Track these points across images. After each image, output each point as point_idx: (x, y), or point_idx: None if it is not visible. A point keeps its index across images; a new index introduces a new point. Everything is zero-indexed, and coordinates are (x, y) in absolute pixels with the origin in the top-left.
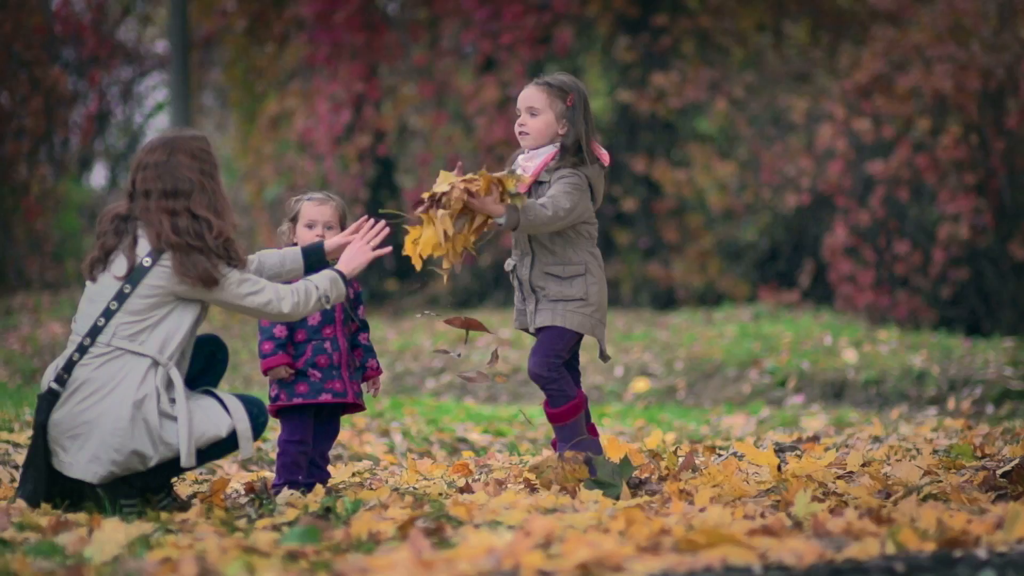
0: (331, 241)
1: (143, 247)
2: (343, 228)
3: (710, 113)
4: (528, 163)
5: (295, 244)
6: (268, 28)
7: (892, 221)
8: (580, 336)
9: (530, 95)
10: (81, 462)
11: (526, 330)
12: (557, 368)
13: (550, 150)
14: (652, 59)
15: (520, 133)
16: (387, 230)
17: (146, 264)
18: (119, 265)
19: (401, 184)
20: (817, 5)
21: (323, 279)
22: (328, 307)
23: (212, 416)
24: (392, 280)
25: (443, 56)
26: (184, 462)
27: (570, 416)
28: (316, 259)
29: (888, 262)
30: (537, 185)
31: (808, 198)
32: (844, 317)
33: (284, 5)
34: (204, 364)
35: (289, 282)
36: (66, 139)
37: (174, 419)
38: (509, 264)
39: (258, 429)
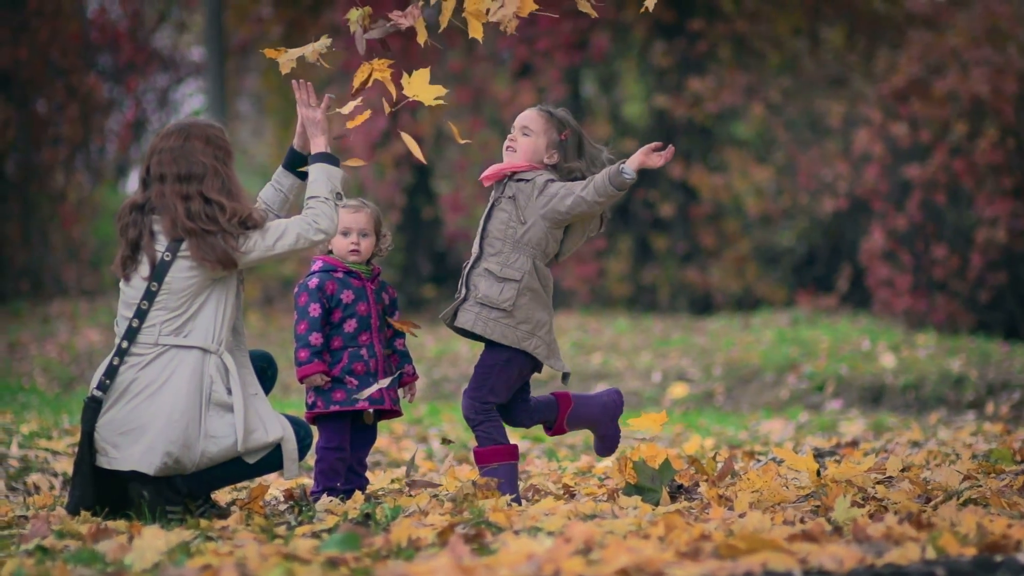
0: (296, 140)
1: (160, 242)
2: (378, 235)
3: (747, 118)
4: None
5: (330, 251)
6: (304, 34)
7: (929, 225)
8: (527, 367)
9: (528, 116)
10: (135, 455)
11: (450, 325)
12: (486, 411)
13: (534, 165)
14: (688, 64)
15: (508, 148)
16: (309, 84)
17: (167, 259)
18: (144, 265)
19: (437, 190)
20: (853, 9)
21: (318, 184)
22: (341, 201)
23: (265, 417)
24: (429, 286)
25: (479, 62)
26: (240, 447)
27: (494, 459)
28: (299, 162)
29: (926, 266)
30: (504, 187)
31: (845, 202)
32: (882, 321)
33: (320, 11)
34: None
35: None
36: (102, 146)
37: (229, 410)
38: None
39: (303, 451)
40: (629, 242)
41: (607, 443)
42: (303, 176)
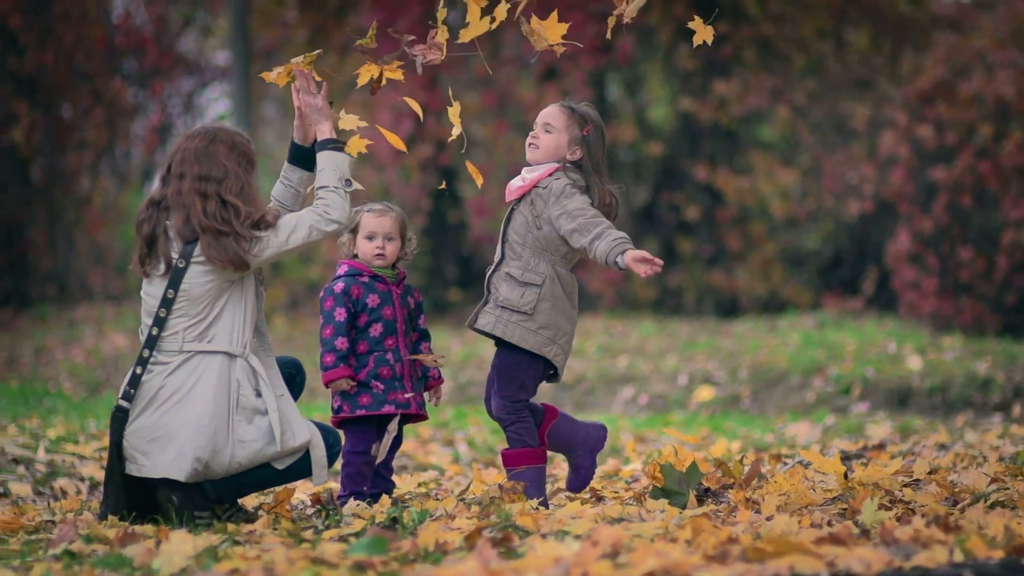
0: (296, 133)
1: (174, 245)
2: (403, 239)
3: (772, 121)
4: (529, 174)
5: (355, 256)
6: (329, 38)
7: (955, 228)
8: (544, 371)
9: (550, 113)
10: (165, 462)
11: (471, 326)
12: (518, 411)
13: (552, 166)
14: (714, 67)
15: (530, 144)
16: (308, 72)
17: (180, 265)
18: (161, 263)
19: (463, 194)
20: (879, 12)
21: (327, 173)
22: (351, 188)
23: (293, 420)
24: (455, 290)
25: (505, 65)
26: (281, 445)
27: (523, 461)
28: (302, 154)
29: (952, 269)
30: (527, 194)
31: (871, 205)
32: (908, 324)
33: (345, 15)
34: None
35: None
36: (128, 151)
37: (257, 413)
38: None
39: (331, 458)
40: (655, 245)
41: (580, 475)
42: (311, 167)
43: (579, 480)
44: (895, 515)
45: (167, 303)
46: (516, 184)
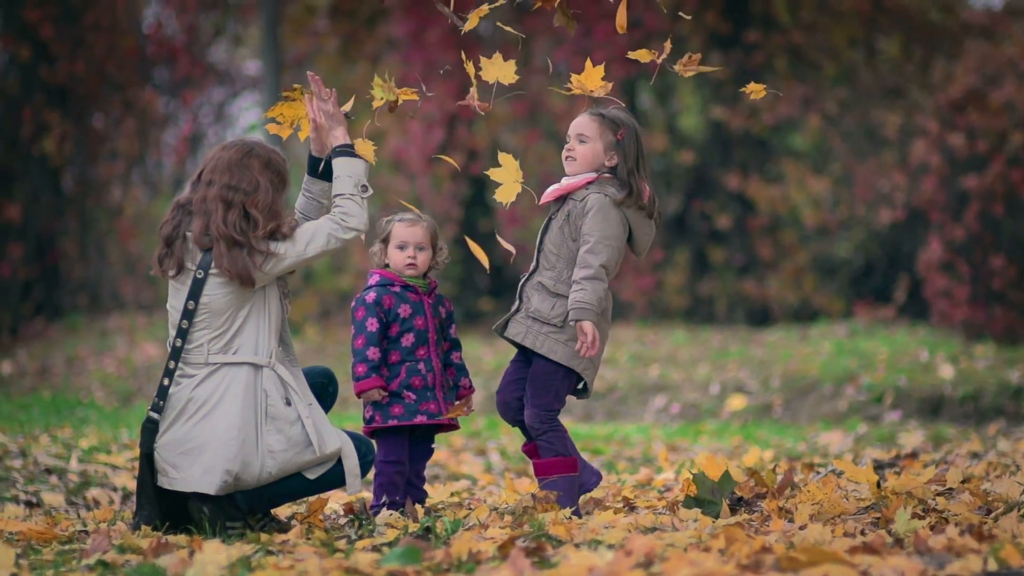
0: (313, 146)
1: (191, 253)
2: (435, 249)
3: (803, 129)
4: (567, 180)
5: (386, 265)
6: (360, 48)
7: (987, 236)
8: (573, 376)
9: (582, 123)
10: (195, 475)
11: (501, 335)
12: (551, 420)
13: (590, 175)
14: (745, 75)
15: (567, 158)
16: (318, 78)
17: (199, 277)
18: (173, 270)
19: (494, 203)
20: (910, 20)
21: (342, 180)
22: (367, 194)
23: (324, 429)
24: (487, 299)
25: (535, 74)
26: (318, 453)
27: (555, 471)
28: (326, 165)
29: (984, 277)
30: (563, 202)
31: (902, 213)
32: (940, 332)
33: (376, 25)
34: (315, 396)
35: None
36: (159, 161)
37: (287, 423)
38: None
39: (364, 468)
40: (686, 254)
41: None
42: (330, 178)
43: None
44: (928, 524)
45: (188, 315)
46: (552, 188)
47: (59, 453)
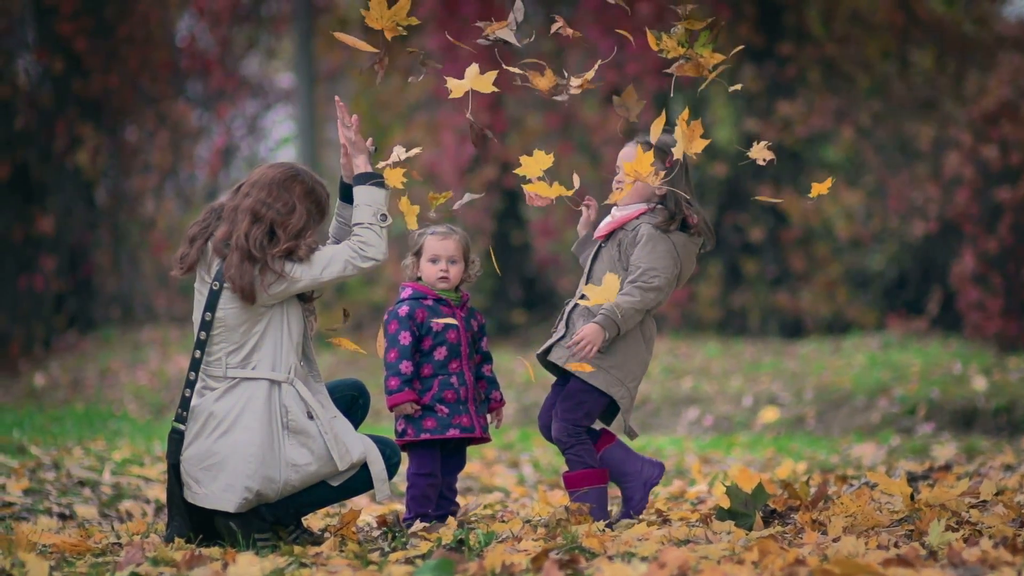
0: (344, 172)
1: (209, 259)
2: (467, 261)
3: (836, 141)
4: (619, 212)
5: (419, 278)
6: (393, 60)
7: (1020, 248)
8: (605, 399)
9: (631, 154)
10: (216, 492)
11: (541, 360)
12: (578, 434)
13: (641, 207)
14: (778, 88)
15: (617, 189)
16: (343, 105)
17: (215, 288)
18: (200, 279)
19: (527, 216)
20: (943, 32)
21: (362, 210)
22: (387, 223)
23: (347, 438)
24: (519, 311)
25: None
26: (340, 467)
27: (585, 483)
28: (349, 189)
29: (1017, 289)
30: (615, 233)
31: (936, 226)
32: (973, 345)
33: (409, 38)
34: (346, 408)
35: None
36: (192, 173)
37: (309, 436)
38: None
39: (391, 470)
40: (719, 266)
41: (630, 506)
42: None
43: (628, 512)
44: (962, 536)
45: (206, 325)
46: (605, 221)
47: (92, 465)
